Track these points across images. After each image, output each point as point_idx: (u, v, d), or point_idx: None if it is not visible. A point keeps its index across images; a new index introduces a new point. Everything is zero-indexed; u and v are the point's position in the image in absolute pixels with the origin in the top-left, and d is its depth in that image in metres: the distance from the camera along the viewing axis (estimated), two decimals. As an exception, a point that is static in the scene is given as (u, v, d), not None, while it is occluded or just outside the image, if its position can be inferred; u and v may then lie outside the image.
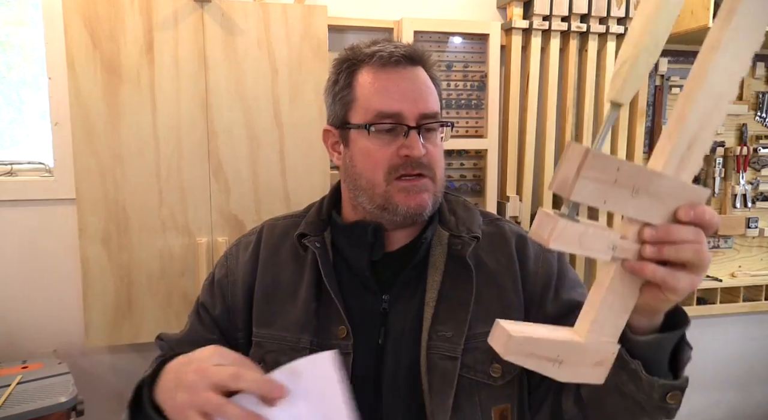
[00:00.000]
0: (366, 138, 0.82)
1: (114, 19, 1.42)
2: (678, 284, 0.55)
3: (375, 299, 0.84)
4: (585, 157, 0.49)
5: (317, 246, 0.86)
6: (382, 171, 0.81)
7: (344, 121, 0.85)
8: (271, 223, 0.98)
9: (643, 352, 0.62)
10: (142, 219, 1.48)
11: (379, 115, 0.81)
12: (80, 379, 1.46)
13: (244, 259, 0.93)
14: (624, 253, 0.54)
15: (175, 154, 1.49)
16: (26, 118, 1.69)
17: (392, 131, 0.81)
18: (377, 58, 0.82)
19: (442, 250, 0.86)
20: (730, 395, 2.39)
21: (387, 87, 0.82)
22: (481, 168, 1.88)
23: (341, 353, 0.78)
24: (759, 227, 2.18)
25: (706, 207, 0.55)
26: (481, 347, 0.81)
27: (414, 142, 0.80)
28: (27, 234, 1.63)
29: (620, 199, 0.51)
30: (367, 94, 0.82)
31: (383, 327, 0.83)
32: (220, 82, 1.50)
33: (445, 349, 0.80)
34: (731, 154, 2.13)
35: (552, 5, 1.80)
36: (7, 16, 1.65)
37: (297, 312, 0.84)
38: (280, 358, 0.82)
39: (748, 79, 2.14)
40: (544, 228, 0.51)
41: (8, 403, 1.26)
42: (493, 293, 0.84)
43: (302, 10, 1.54)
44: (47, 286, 1.65)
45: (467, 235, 0.86)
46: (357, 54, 0.84)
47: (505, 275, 0.86)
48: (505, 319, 0.55)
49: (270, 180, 1.56)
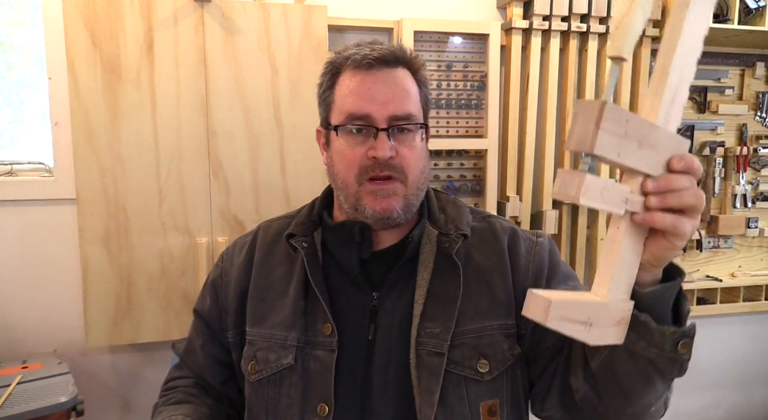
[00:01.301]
0: (339, 139, 0.84)
1: (114, 19, 1.42)
2: (684, 228, 0.58)
3: (365, 297, 0.86)
4: (602, 109, 0.50)
5: (304, 246, 0.87)
6: (354, 172, 0.83)
7: (327, 122, 0.87)
8: (267, 224, 0.99)
9: (650, 304, 0.64)
10: (142, 219, 1.48)
11: (350, 117, 0.82)
12: (80, 379, 1.46)
13: (239, 260, 0.95)
14: (633, 206, 0.57)
15: (175, 154, 1.49)
16: (26, 118, 1.69)
17: (363, 133, 0.82)
18: (351, 61, 0.83)
19: (431, 248, 0.87)
20: (730, 395, 2.39)
21: (358, 89, 0.83)
22: (481, 168, 1.88)
23: (326, 350, 0.82)
24: (759, 227, 2.18)
25: (691, 155, 0.59)
26: (469, 343, 0.82)
27: (381, 143, 0.81)
28: (27, 234, 1.63)
29: (630, 151, 0.54)
30: (341, 96, 0.84)
31: (373, 324, 0.84)
32: (220, 82, 1.50)
33: (432, 345, 0.81)
34: (731, 154, 2.13)
35: (552, 5, 1.80)
36: (7, 16, 1.65)
37: (286, 310, 0.87)
38: (269, 355, 0.85)
39: (748, 79, 2.14)
40: (570, 185, 0.53)
41: (8, 403, 1.26)
42: (482, 290, 0.85)
43: (302, 10, 1.54)
44: (47, 286, 1.65)
45: (455, 232, 0.87)
46: (339, 57, 0.86)
47: (495, 271, 0.87)
48: (537, 289, 0.56)
49: (270, 180, 1.56)
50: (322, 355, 0.83)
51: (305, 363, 0.83)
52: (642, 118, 0.54)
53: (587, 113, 0.51)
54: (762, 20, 1.81)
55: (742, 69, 2.14)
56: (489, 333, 0.83)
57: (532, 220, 1.90)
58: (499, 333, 0.84)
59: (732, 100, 2.14)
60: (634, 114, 0.53)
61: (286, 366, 0.84)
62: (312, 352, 0.83)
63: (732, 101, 2.14)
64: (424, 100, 0.88)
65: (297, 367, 0.83)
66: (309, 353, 0.83)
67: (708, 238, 2.18)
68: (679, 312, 0.67)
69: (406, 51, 0.86)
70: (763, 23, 1.81)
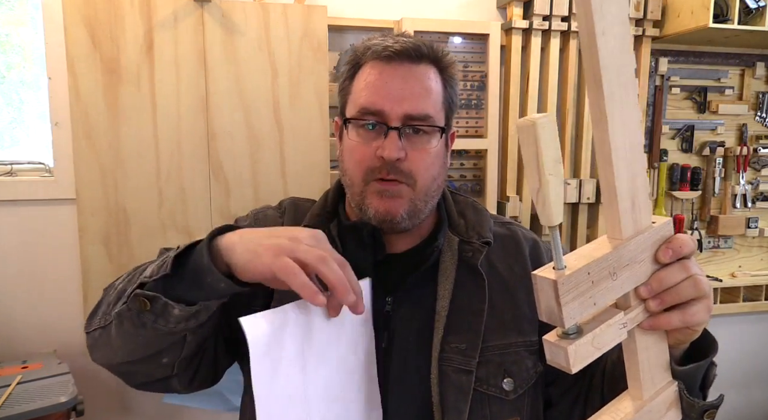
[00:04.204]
0: (350, 133, 0.79)
1: (114, 19, 1.42)
2: (695, 318, 0.56)
3: (378, 301, 0.80)
4: (556, 288, 0.48)
5: None
6: (361, 170, 0.78)
7: (343, 114, 0.83)
8: (292, 202, 0.94)
9: (682, 378, 0.63)
10: (142, 219, 1.48)
11: (362, 111, 0.77)
12: (80, 379, 1.46)
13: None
14: (634, 320, 0.55)
15: (175, 154, 1.49)
16: (26, 118, 1.69)
17: (374, 129, 0.77)
18: (372, 51, 0.78)
19: (452, 256, 0.83)
20: (730, 395, 2.39)
21: (374, 83, 0.77)
22: (481, 168, 1.88)
23: None
24: (759, 227, 2.18)
25: (678, 236, 0.55)
26: (494, 360, 0.79)
27: (390, 143, 0.75)
28: (27, 234, 1.63)
29: (606, 289, 0.51)
30: (358, 89, 0.79)
31: (386, 331, 0.80)
32: (220, 82, 1.50)
33: (458, 362, 0.77)
34: (731, 154, 2.13)
35: (552, 5, 1.80)
36: (7, 16, 1.65)
37: None
38: None
39: (748, 79, 2.14)
40: (559, 357, 0.51)
41: (8, 403, 1.26)
42: (505, 303, 0.82)
43: (302, 10, 1.54)
44: (47, 286, 1.65)
45: (478, 240, 0.82)
46: (362, 46, 0.81)
47: (518, 283, 0.83)
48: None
49: (270, 180, 1.56)
50: None
51: None
52: (602, 255, 0.50)
53: (545, 291, 0.49)
54: (762, 20, 1.81)
55: (742, 69, 2.14)
56: (514, 350, 0.80)
57: (532, 220, 1.90)
58: (524, 350, 0.81)
59: (732, 100, 2.14)
60: (592, 255, 0.50)
61: None
62: None
63: (732, 101, 2.14)
64: (449, 101, 0.82)
65: None
66: None
67: (708, 238, 2.18)
68: (706, 377, 0.67)
69: (433, 46, 0.80)
70: (763, 23, 1.81)
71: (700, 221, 2.15)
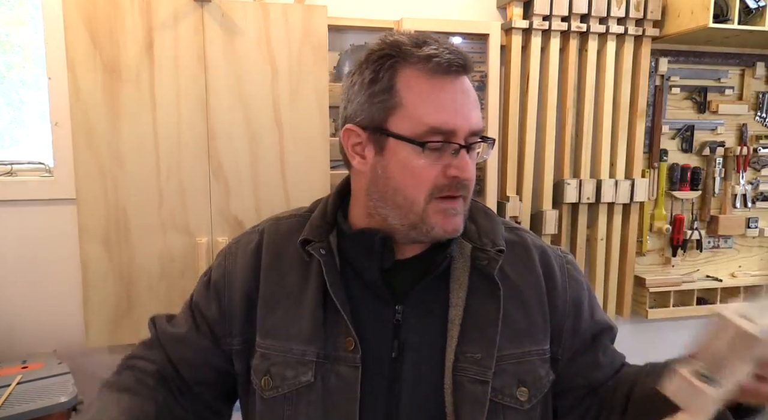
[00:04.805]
0: (413, 153, 0.74)
1: (114, 19, 1.42)
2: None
3: (387, 310, 0.79)
4: (751, 343, 0.56)
5: (322, 253, 0.80)
6: (425, 191, 0.74)
7: (381, 126, 0.75)
8: (274, 222, 0.91)
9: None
10: (142, 219, 1.48)
11: (431, 131, 0.72)
12: (80, 379, 1.46)
13: (244, 260, 0.87)
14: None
15: (175, 154, 1.49)
16: (26, 118, 1.69)
17: (440, 148, 0.74)
18: (434, 63, 0.72)
19: (464, 263, 0.81)
20: (730, 395, 2.39)
21: (441, 99, 0.73)
22: (481, 168, 1.88)
23: (349, 367, 0.76)
24: (759, 227, 2.18)
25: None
26: (509, 370, 0.78)
27: (465, 163, 0.74)
28: (27, 234, 1.63)
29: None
30: (417, 103, 0.73)
31: (396, 340, 0.78)
32: (220, 82, 1.50)
33: (474, 372, 0.76)
34: (731, 154, 2.13)
35: (552, 5, 1.80)
36: (7, 16, 1.65)
37: (303, 322, 0.79)
38: (286, 372, 0.78)
39: (748, 79, 2.14)
40: (696, 399, 0.57)
41: (8, 403, 1.26)
42: (519, 310, 0.81)
43: (302, 10, 1.54)
44: (47, 286, 1.65)
45: (492, 248, 0.80)
46: (403, 52, 0.74)
47: (530, 291, 0.82)
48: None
49: (270, 180, 1.56)
50: (344, 371, 0.76)
51: (325, 380, 0.77)
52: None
53: (735, 339, 0.57)
54: (762, 20, 1.81)
55: (742, 69, 2.14)
56: (528, 359, 0.80)
57: (532, 220, 1.90)
58: (537, 359, 0.80)
59: (732, 100, 2.14)
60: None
61: (304, 383, 0.77)
62: (332, 368, 0.77)
63: (732, 101, 2.14)
64: None
65: (317, 384, 0.77)
66: (329, 369, 0.77)
67: (708, 238, 2.18)
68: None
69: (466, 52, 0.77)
70: (763, 23, 1.81)
71: (700, 221, 2.15)
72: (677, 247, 2.12)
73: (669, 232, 2.10)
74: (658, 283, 2.06)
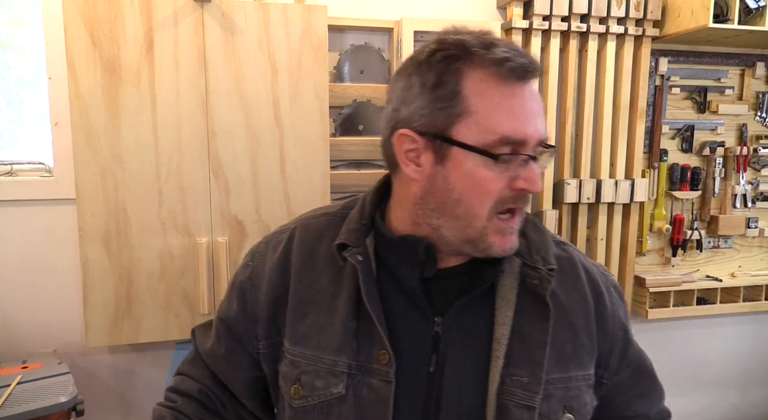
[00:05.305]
0: (482, 164, 0.68)
1: (114, 19, 1.42)
2: None
3: (426, 322, 0.74)
4: None
5: (359, 259, 0.75)
6: (489, 204, 0.69)
7: (444, 134, 0.69)
8: (305, 222, 0.85)
9: None
10: (142, 219, 1.48)
11: (502, 141, 0.67)
12: (80, 379, 1.46)
13: (273, 261, 0.83)
14: None
15: (175, 154, 1.49)
16: (26, 118, 1.69)
17: (509, 159, 0.69)
18: (507, 68, 0.67)
19: (512, 280, 0.76)
20: (730, 395, 2.39)
21: (513, 106, 0.68)
22: (481, 168, 1.88)
23: (382, 381, 0.72)
24: (759, 227, 2.18)
25: None
26: (556, 394, 0.74)
27: (535, 174, 0.69)
28: (27, 234, 1.63)
29: None
30: (488, 111, 0.67)
31: (435, 354, 0.74)
32: (220, 82, 1.50)
33: (520, 397, 0.72)
34: (731, 154, 2.13)
35: (552, 5, 1.80)
36: (7, 16, 1.65)
37: (334, 330, 0.75)
38: (316, 381, 0.75)
39: (748, 79, 2.14)
40: None
41: (8, 403, 1.26)
42: (566, 332, 0.77)
43: (302, 10, 1.54)
44: (47, 286, 1.65)
45: (544, 267, 0.75)
46: (471, 54, 0.68)
47: (578, 312, 0.78)
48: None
49: (270, 180, 1.56)
50: (377, 384, 0.72)
51: (357, 392, 0.73)
52: None
53: None
54: (762, 20, 1.81)
55: (742, 69, 2.14)
56: (575, 384, 0.76)
57: (532, 220, 1.90)
58: (583, 384, 0.77)
59: (732, 100, 2.14)
60: None
61: (336, 395, 0.74)
62: (365, 380, 0.73)
63: (732, 101, 2.14)
64: None
65: (348, 396, 0.73)
66: (361, 381, 0.73)
67: (708, 238, 2.18)
68: None
69: None
70: (763, 23, 1.81)
71: (700, 221, 2.15)
72: (677, 247, 2.12)
73: (669, 232, 2.10)
74: (658, 283, 2.06)
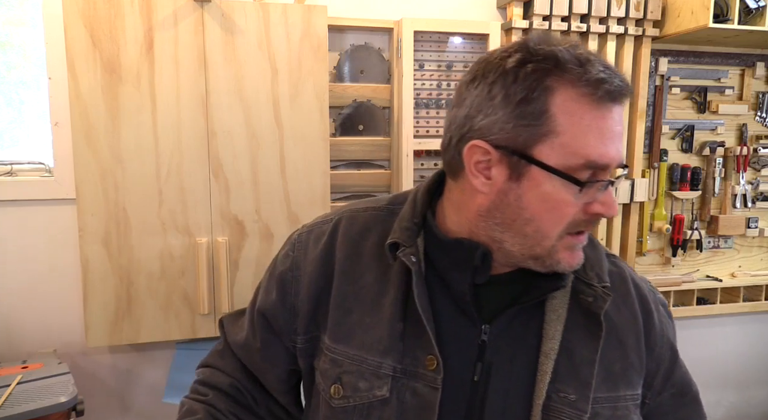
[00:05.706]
0: (562, 188, 0.65)
1: (114, 19, 1.42)
2: None
3: (473, 328, 0.72)
4: None
5: (413, 261, 0.72)
6: (563, 226, 0.67)
7: (525, 152, 0.65)
8: (351, 214, 0.82)
9: None
10: (142, 219, 1.48)
11: (588, 165, 0.64)
12: (80, 379, 1.46)
13: (315, 252, 0.80)
14: None
15: (175, 154, 1.49)
16: (26, 118, 1.69)
17: (591, 185, 0.66)
18: (603, 90, 0.63)
19: (564, 294, 0.74)
20: (730, 395, 2.39)
21: (603, 130, 0.64)
22: (481, 168, 1.88)
23: (428, 386, 0.70)
24: (759, 227, 2.18)
25: None
26: (603, 414, 0.72)
27: (612, 200, 0.67)
28: (27, 234, 1.63)
29: None
30: (577, 134, 0.63)
31: (480, 362, 0.72)
32: (220, 82, 1.50)
33: (568, 415, 0.70)
34: (731, 154, 2.13)
35: (552, 5, 1.80)
36: (7, 16, 1.65)
37: (380, 330, 0.73)
38: (359, 382, 0.73)
39: (748, 79, 2.14)
40: None
41: (8, 403, 1.26)
42: (615, 350, 0.74)
43: (302, 10, 1.54)
44: (47, 286, 1.65)
45: (599, 284, 0.73)
46: (565, 70, 0.63)
47: (628, 330, 0.76)
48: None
49: (270, 180, 1.56)
50: (422, 390, 0.70)
51: (401, 396, 0.71)
52: None
53: None
54: (762, 20, 1.81)
55: (742, 69, 2.14)
56: (623, 404, 0.74)
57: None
58: (632, 404, 0.75)
59: (732, 100, 2.14)
60: None
61: (379, 398, 0.72)
62: (409, 384, 0.71)
63: (732, 101, 2.14)
64: None
65: (391, 399, 0.71)
66: (405, 385, 0.71)
67: (708, 238, 2.18)
68: None
69: None
70: (763, 23, 1.81)
71: (700, 221, 2.15)
72: (677, 247, 2.12)
73: (669, 232, 2.10)
74: (658, 283, 2.06)
